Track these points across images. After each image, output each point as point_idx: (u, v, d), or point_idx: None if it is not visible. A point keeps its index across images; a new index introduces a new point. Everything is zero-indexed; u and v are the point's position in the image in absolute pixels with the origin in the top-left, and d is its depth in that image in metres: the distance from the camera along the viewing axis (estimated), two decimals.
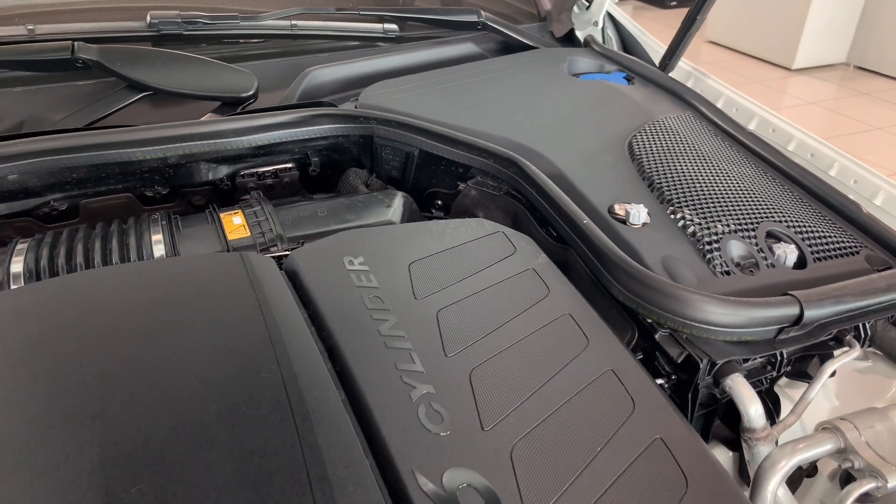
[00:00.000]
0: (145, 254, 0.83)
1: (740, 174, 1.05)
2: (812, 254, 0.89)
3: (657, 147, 1.08)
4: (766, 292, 0.80)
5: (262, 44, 1.35)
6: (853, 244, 0.92)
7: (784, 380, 0.87)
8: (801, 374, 0.85)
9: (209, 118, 1.07)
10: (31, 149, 0.90)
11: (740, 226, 0.91)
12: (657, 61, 1.49)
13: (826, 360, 0.79)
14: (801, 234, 0.92)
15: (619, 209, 0.92)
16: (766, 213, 0.95)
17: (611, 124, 1.15)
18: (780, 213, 0.95)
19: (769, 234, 0.91)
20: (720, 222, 0.91)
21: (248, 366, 0.61)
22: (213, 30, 1.24)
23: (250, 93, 1.13)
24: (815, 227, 0.94)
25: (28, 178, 0.91)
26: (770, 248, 0.89)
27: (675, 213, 0.93)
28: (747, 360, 0.77)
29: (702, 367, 0.74)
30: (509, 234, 0.87)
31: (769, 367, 0.79)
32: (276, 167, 1.09)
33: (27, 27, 1.14)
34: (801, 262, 0.88)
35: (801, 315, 0.76)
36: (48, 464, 0.51)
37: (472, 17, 1.42)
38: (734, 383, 0.74)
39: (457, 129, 1.07)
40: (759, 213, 0.94)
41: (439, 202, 1.13)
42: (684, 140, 1.12)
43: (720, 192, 0.98)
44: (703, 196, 0.96)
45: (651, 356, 0.80)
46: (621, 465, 0.59)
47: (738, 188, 1.00)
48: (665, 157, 1.05)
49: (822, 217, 0.98)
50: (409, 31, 1.45)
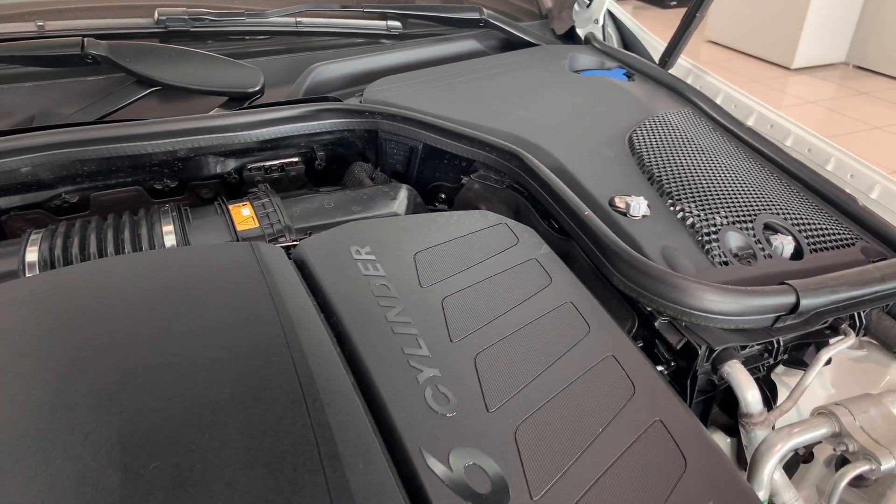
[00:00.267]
0: (156, 244, 0.85)
1: (738, 168, 1.06)
2: (808, 245, 0.91)
3: (657, 141, 1.10)
4: (764, 282, 0.81)
5: (268, 40, 1.36)
6: (849, 236, 0.94)
7: (781, 368, 0.88)
8: (797, 362, 0.87)
9: (217, 113, 1.09)
10: (44, 142, 0.92)
11: (738, 218, 0.93)
12: (657, 59, 1.51)
13: (822, 348, 0.81)
14: (797, 225, 0.94)
15: (620, 202, 0.94)
16: (763, 206, 0.96)
17: (611, 119, 1.17)
18: (778, 206, 0.97)
19: (766, 225, 0.93)
20: (719, 214, 0.93)
21: (260, 350, 0.62)
22: (219, 26, 1.26)
23: (257, 88, 1.15)
24: (811, 219, 0.96)
25: (40, 171, 0.93)
26: (767, 240, 0.90)
27: (674, 205, 0.95)
28: (745, 348, 0.79)
29: (700, 353, 0.76)
30: (512, 226, 0.88)
31: (766, 355, 0.81)
32: (282, 161, 1.10)
33: (37, 24, 1.16)
34: (797, 253, 0.90)
35: (798, 304, 0.77)
36: (69, 442, 0.53)
37: (475, 15, 1.44)
38: (732, 369, 0.75)
39: (460, 124, 1.09)
40: (757, 206, 0.96)
41: (443, 196, 1.15)
42: (683, 135, 1.14)
43: (719, 185, 1.00)
44: (702, 189, 0.98)
45: (651, 344, 0.82)
46: (622, 446, 0.61)
47: (737, 181, 1.02)
48: (665, 151, 1.07)
49: (818, 209, 0.99)
50: (412, 28, 1.47)
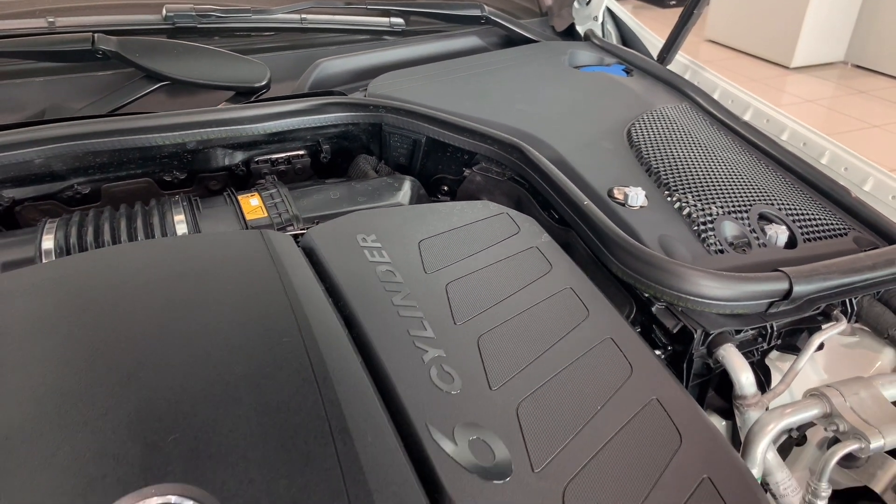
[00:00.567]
0: (168, 232, 0.87)
1: (734, 160, 1.09)
2: (802, 234, 0.93)
3: (655, 135, 1.12)
4: (758, 269, 0.84)
5: (273, 37, 1.39)
6: (841, 226, 0.96)
7: (775, 353, 0.91)
8: (791, 347, 0.89)
9: (224, 106, 1.11)
10: (58, 133, 0.94)
11: (733, 208, 0.95)
12: (655, 55, 1.53)
13: (814, 334, 0.84)
14: (791, 216, 0.96)
15: (618, 192, 0.97)
16: (758, 197, 0.99)
17: (610, 113, 1.19)
18: (772, 197, 1.00)
19: (761, 215, 0.96)
20: (714, 204, 0.95)
21: (271, 331, 0.65)
22: (226, 23, 1.28)
23: (263, 83, 1.18)
24: (805, 210, 0.98)
25: (54, 162, 0.96)
26: (762, 229, 0.93)
27: (671, 195, 0.97)
28: (739, 332, 0.81)
29: (696, 337, 0.78)
30: (513, 215, 0.91)
31: (760, 339, 0.84)
32: (288, 154, 1.13)
33: (48, 20, 1.19)
34: (791, 243, 0.92)
35: (791, 290, 0.80)
36: (90, 416, 0.55)
37: (476, 12, 1.46)
38: (726, 353, 0.78)
39: (462, 118, 1.11)
40: (752, 197, 0.99)
41: (445, 188, 1.17)
42: (681, 128, 1.16)
43: (715, 176, 1.02)
44: (699, 180, 1.00)
45: (648, 329, 0.84)
46: (620, 423, 0.63)
47: (732, 173, 1.04)
48: (662, 143, 1.09)
49: (812, 200, 1.02)
50: (415, 25, 1.49)
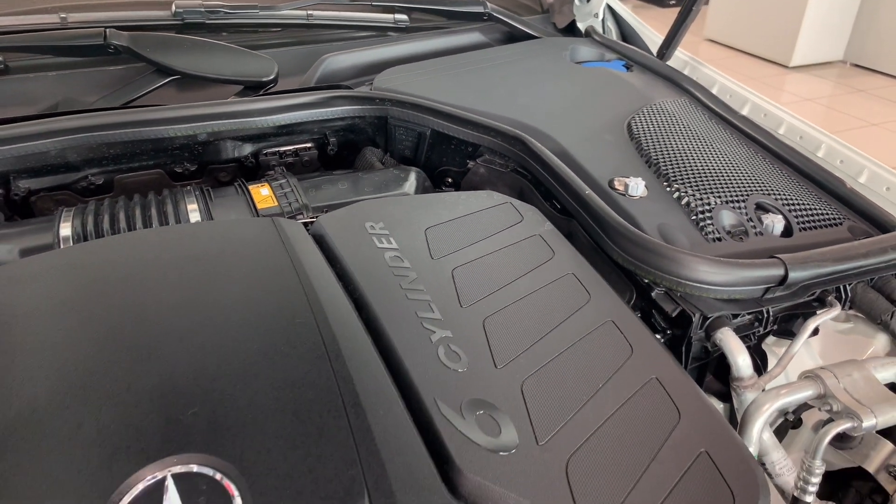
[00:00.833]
0: (182, 220, 0.90)
1: (732, 153, 1.11)
2: (798, 224, 0.96)
3: (654, 127, 1.15)
4: (754, 256, 0.86)
5: (280, 33, 1.41)
6: (837, 216, 0.99)
7: (772, 339, 0.93)
8: (787, 332, 0.92)
9: (234, 99, 1.14)
10: (73, 125, 0.97)
11: (731, 197, 0.98)
12: (655, 52, 1.56)
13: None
14: (787, 205, 0.99)
15: (619, 183, 0.99)
16: (755, 187, 1.01)
17: (611, 107, 1.22)
18: (769, 187, 1.02)
19: (758, 205, 0.98)
20: (712, 194, 0.98)
21: (284, 312, 0.67)
22: (233, 19, 1.31)
23: (271, 77, 1.20)
24: (801, 200, 1.01)
25: (69, 153, 0.98)
26: (759, 218, 0.95)
27: (670, 186, 1.00)
28: (736, 316, 0.84)
29: (694, 321, 0.81)
30: (517, 205, 0.93)
31: (756, 324, 0.86)
32: (296, 146, 1.15)
33: (60, 16, 1.21)
34: (787, 231, 0.95)
35: (786, 276, 0.82)
36: (113, 391, 0.58)
37: (479, 8, 1.49)
38: (724, 336, 0.80)
39: (466, 111, 1.14)
40: (749, 187, 1.01)
41: (449, 180, 1.20)
42: (680, 121, 1.18)
43: (713, 168, 1.04)
44: (697, 171, 1.03)
45: (648, 314, 0.87)
46: (620, 400, 0.66)
47: (730, 165, 1.06)
48: (662, 136, 1.12)
49: (808, 191, 1.04)
50: (419, 21, 1.52)
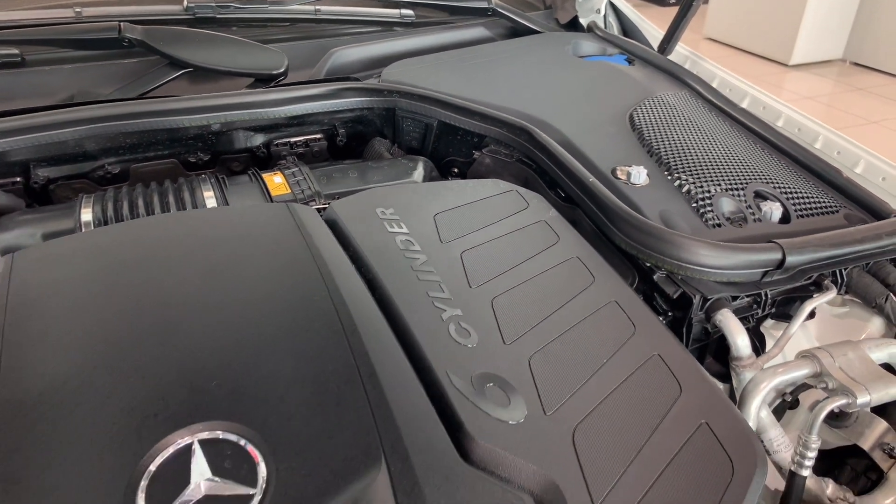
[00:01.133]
0: (199, 206, 0.92)
1: (732, 143, 1.14)
2: (795, 211, 0.98)
3: (656, 119, 1.17)
4: (753, 241, 0.89)
5: (289, 27, 1.44)
6: (833, 204, 1.02)
7: (770, 322, 0.96)
8: (784, 316, 0.95)
9: (246, 91, 1.16)
10: (91, 115, 1.00)
11: (731, 186, 1.00)
12: (656, 47, 1.59)
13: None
14: (785, 193, 1.02)
15: (621, 172, 1.02)
16: (754, 176, 1.04)
17: (613, 99, 1.25)
18: (768, 176, 1.05)
19: (757, 193, 1.01)
20: (713, 183, 1.00)
21: (302, 291, 0.70)
22: (243, 13, 1.34)
23: (281, 70, 1.23)
24: (798, 188, 1.04)
25: (87, 142, 1.01)
26: (757, 206, 0.98)
27: (671, 175, 1.03)
28: (735, 299, 0.86)
29: (695, 302, 0.84)
30: (522, 192, 0.96)
31: (755, 307, 0.89)
32: (306, 137, 1.18)
33: (75, 10, 1.24)
34: (785, 218, 0.97)
35: (784, 260, 0.85)
36: (140, 363, 0.61)
37: (483, 4, 1.52)
38: (723, 317, 0.83)
39: (472, 103, 1.17)
40: (748, 176, 1.04)
41: (455, 170, 1.23)
42: (681, 113, 1.21)
43: (713, 157, 1.07)
44: (698, 161, 1.06)
45: (650, 297, 0.90)
46: (624, 374, 0.69)
47: (730, 155, 1.09)
48: (663, 127, 1.15)
49: (805, 180, 1.07)
50: (424, 16, 1.55)
